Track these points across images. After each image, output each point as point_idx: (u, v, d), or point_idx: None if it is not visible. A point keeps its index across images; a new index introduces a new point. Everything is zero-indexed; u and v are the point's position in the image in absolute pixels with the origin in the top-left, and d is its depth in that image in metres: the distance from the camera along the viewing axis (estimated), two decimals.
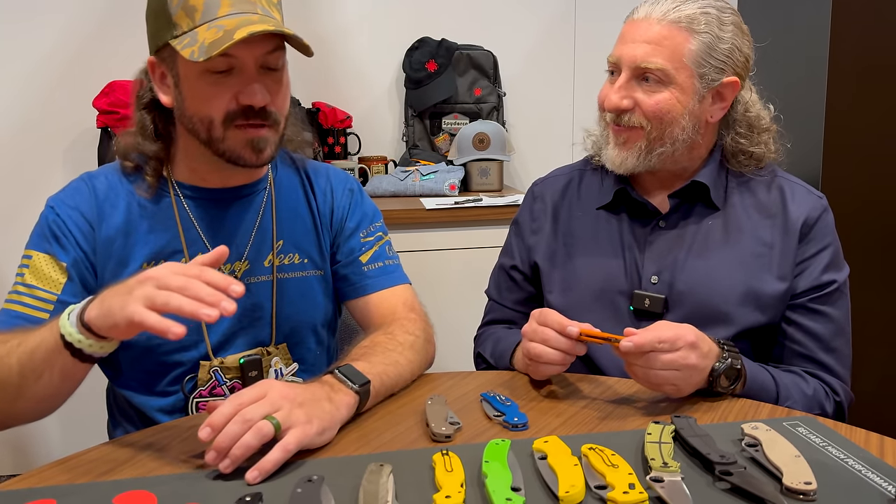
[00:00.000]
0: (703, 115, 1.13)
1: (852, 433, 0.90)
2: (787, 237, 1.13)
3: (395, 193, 2.33)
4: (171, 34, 0.98)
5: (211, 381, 1.09)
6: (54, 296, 1.02)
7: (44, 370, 0.88)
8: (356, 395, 0.92)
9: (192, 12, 0.97)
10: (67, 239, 1.05)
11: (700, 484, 0.78)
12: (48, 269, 1.03)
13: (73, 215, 1.05)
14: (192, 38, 0.96)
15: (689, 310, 1.12)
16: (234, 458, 0.79)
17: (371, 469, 0.77)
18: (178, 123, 1.07)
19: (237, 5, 0.98)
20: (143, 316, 0.78)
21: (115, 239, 1.06)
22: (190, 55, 0.94)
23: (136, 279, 0.83)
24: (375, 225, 1.22)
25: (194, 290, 0.79)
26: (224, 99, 0.99)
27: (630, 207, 1.20)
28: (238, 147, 1.01)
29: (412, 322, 1.13)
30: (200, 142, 1.03)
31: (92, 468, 0.84)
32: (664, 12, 1.10)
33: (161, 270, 0.82)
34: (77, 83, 2.26)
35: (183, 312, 0.78)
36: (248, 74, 0.99)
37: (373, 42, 2.56)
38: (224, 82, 0.98)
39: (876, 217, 1.85)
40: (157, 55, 1.03)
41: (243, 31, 0.93)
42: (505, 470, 0.78)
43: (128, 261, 1.06)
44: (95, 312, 0.83)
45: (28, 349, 0.88)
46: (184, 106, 1.02)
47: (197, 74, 0.98)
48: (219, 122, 1.00)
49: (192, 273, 0.81)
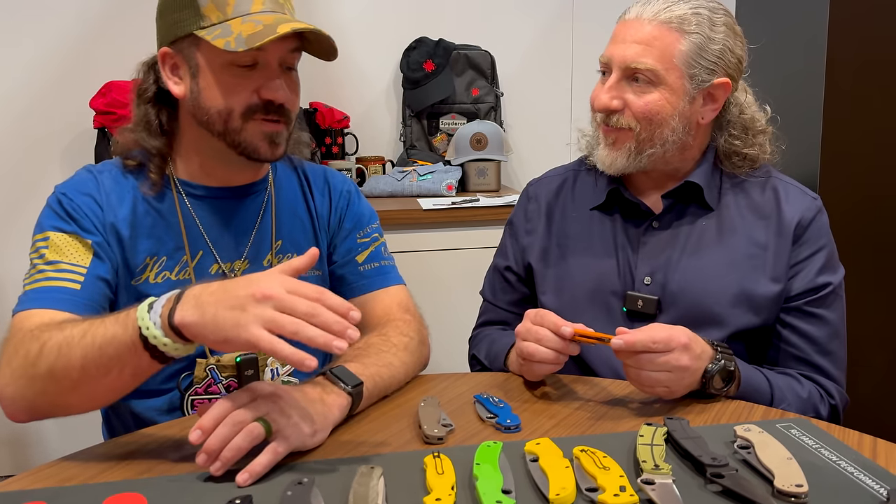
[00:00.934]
0: (693, 117, 1.13)
1: (845, 435, 0.90)
2: (781, 238, 1.13)
3: (392, 194, 2.33)
4: (197, 25, 1.00)
5: (207, 378, 1.08)
6: (83, 268, 1.00)
7: (112, 367, 0.84)
8: (349, 397, 0.92)
9: (223, 6, 0.99)
10: (86, 221, 1.04)
11: (691, 486, 0.77)
12: (70, 245, 1.01)
13: (87, 201, 1.05)
14: (225, 30, 0.98)
15: (682, 311, 1.12)
16: (224, 461, 0.79)
17: (362, 471, 0.77)
18: (186, 117, 1.07)
19: (269, 4, 1.01)
20: (272, 344, 0.76)
21: (120, 230, 1.06)
22: (225, 45, 0.96)
23: (246, 291, 0.78)
24: (372, 226, 1.23)
25: (323, 319, 0.77)
26: (246, 92, 1.01)
27: (624, 208, 1.20)
28: (255, 139, 1.03)
29: (407, 323, 1.13)
30: (214, 134, 1.04)
31: (84, 470, 0.84)
32: (655, 12, 1.10)
33: (278, 289, 0.78)
34: (74, 84, 2.26)
35: (315, 344, 0.76)
36: (272, 70, 1.02)
37: (370, 42, 2.56)
38: (248, 76, 1.01)
39: (874, 218, 1.85)
40: (173, 46, 1.03)
41: (286, 27, 0.96)
42: (496, 472, 0.78)
43: (131, 254, 1.06)
44: (193, 318, 0.79)
45: (96, 343, 0.84)
46: (200, 97, 1.02)
47: (221, 66, 1.00)
48: (238, 114, 1.01)
49: (312, 296, 0.78)
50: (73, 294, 0.98)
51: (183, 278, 1.08)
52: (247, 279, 0.81)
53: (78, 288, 0.98)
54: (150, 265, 1.07)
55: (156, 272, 1.07)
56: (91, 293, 0.99)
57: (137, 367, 0.84)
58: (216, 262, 1.10)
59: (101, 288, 1.02)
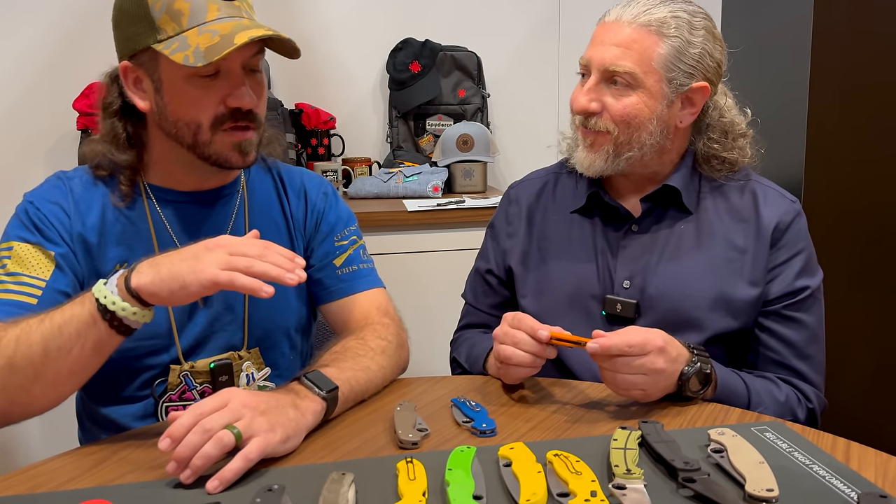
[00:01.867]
0: (671, 120, 1.13)
1: (819, 438, 0.90)
2: (760, 242, 1.13)
3: (378, 195, 2.33)
4: (153, 38, 0.98)
5: (181, 385, 1.08)
6: (42, 282, 1.00)
7: (73, 345, 0.87)
8: (323, 402, 0.91)
9: (178, 17, 0.97)
10: (52, 231, 1.03)
11: (663, 491, 0.77)
12: (33, 257, 1.01)
13: (54, 210, 1.04)
14: (182, 43, 0.96)
15: (660, 315, 1.12)
16: (194, 469, 0.78)
17: (332, 478, 0.77)
18: (154, 129, 1.06)
19: (224, 10, 1.00)
20: (231, 278, 0.83)
21: (89, 238, 1.05)
22: (184, 60, 0.95)
23: (196, 246, 0.87)
24: (350, 228, 1.22)
25: (272, 257, 0.85)
26: (212, 102, 1.00)
27: (603, 211, 1.20)
28: (225, 150, 1.03)
29: (385, 327, 1.13)
30: (184, 146, 1.03)
31: (54, 477, 0.83)
32: (634, 15, 1.09)
33: (228, 238, 0.88)
34: (57, 85, 2.24)
35: (269, 277, 0.83)
36: (236, 78, 1.01)
37: (356, 43, 2.55)
38: (212, 86, 0.99)
39: (859, 221, 1.86)
40: (133, 60, 1.02)
41: (244, 36, 0.95)
42: (468, 478, 0.77)
43: (100, 263, 1.05)
44: (149, 279, 0.85)
45: (55, 324, 0.87)
46: (167, 111, 1.01)
47: (184, 79, 0.99)
48: (207, 126, 1.01)
49: (259, 243, 0.87)
50: (29, 308, 0.97)
51: None
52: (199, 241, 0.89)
53: (34, 303, 0.98)
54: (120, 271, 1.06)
55: None
56: (47, 307, 0.97)
57: (98, 341, 0.87)
58: None
59: (60, 301, 0.99)
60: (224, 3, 1.00)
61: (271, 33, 0.97)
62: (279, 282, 0.84)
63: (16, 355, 0.87)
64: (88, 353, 0.88)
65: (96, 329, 0.86)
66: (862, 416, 1.85)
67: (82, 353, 0.87)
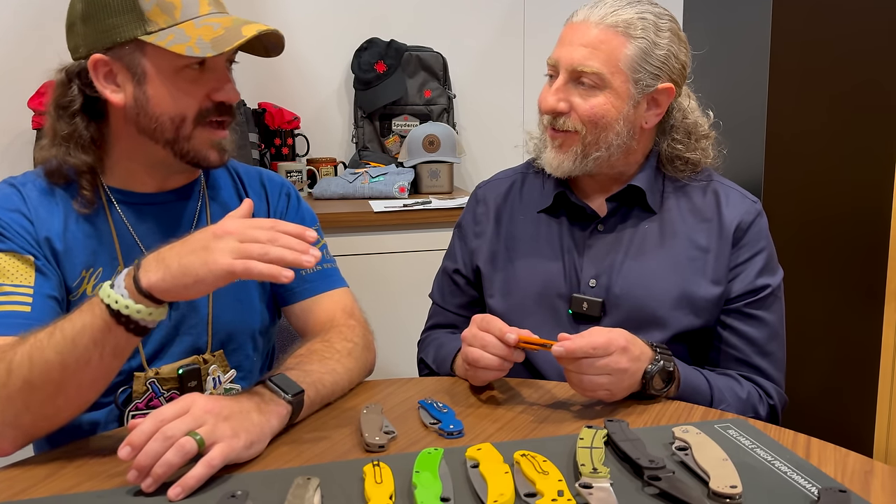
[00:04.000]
0: (637, 121, 1.14)
1: (781, 435, 0.92)
2: (722, 241, 1.15)
3: (343, 196, 2.31)
4: (142, 30, 0.96)
5: (147, 393, 1.05)
6: (29, 288, 0.96)
7: (92, 355, 0.83)
8: (288, 406, 0.90)
9: (170, 10, 0.97)
10: (19, 239, 0.99)
11: (629, 489, 0.78)
12: (9, 264, 0.97)
13: (16, 217, 1.00)
14: (179, 35, 0.95)
15: (625, 313, 1.13)
16: (156, 477, 0.76)
17: (297, 483, 0.76)
18: (120, 126, 1.03)
19: (213, 6, 1.01)
20: (248, 267, 0.80)
21: (54, 245, 1.02)
22: (187, 51, 0.94)
23: (203, 235, 0.83)
24: (313, 228, 1.20)
25: (284, 241, 0.82)
26: (198, 96, 1.00)
27: (570, 211, 1.20)
28: (204, 148, 1.02)
29: (351, 329, 1.11)
30: (161, 142, 1.01)
31: (10, 485, 0.81)
32: (602, 16, 1.10)
33: (234, 224, 0.84)
34: (12, 84, 2.18)
35: (285, 262, 0.81)
36: (223, 72, 1.02)
37: (321, 42, 2.53)
38: (198, 80, 1.00)
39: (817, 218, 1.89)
40: (109, 52, 0.98)
41: (251, 29, 0.97)
42: (435, 480, 0.77)
43: (66, 269, 1.02)
44: (159, 276, 0.81)
45: (67, 338, 0.83)
46: (148, 105, 0.99)
47: (174, 71, 0.98)
48: (191, 120, 1.00)
49: (267, 225, 0.84)
50: (27, 317, 0.93)
51: None
52: (200, 231, 0.84)
53: (29, 310, 0.94)
54: (87, 277, 1.03)
55: (93, 284, 1.03)
56: (43, 313, 0.95)
57: (116, 346, 0.84)
58: None
59: (52, 306, 0.98)
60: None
61: (273, 29, 0.99)
62: (296, 266, 0.82)
63: (32, 374, 0.83)
64: (109, 359, 0.85)
65: (112, 335, 0.83)
66: (821, 412, 1.89)
67: (102, 361, 0.84)
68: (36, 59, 2.18)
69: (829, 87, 1.87)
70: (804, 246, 1.89)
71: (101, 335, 0.83)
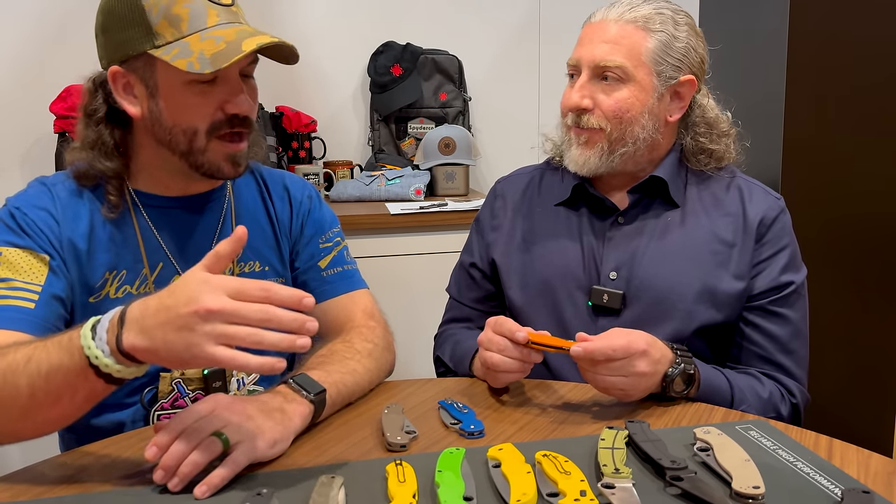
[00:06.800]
0: (662, 114, 1.14)
1: (802, 436, 0.91)
2: (745, 236, 1.14)
3: (360, 198, 2.32)
4: (150, 44, 0.97)
5: (173, 393, 1.06)
6: (38, 286, 0.97)
7: (63, 395, 0.80)
8: (311, 405, 0.91)
9: (177, 22, 0.96)
10: (41, 237, 1.01)
11: (651, 490, 0.78)
12: (24, 261, 0.98)
13: (42, 215, 1.02)
14: (184, 49, 0.95)
15: (645, 306, 1.13)
16: (182, 477, 0.77)
17: (322, 481, 0.77)
18: (142, 135, 1.04)
19: (224, 16, 0.99)
20: (233, 360, 0.73)
21: (79, 245, 1.03)
22: (188, 66, 0.93)
23: (187, 309, 0.73)
24: (334, 230, 1.22)
25: (277, 321, 0.73)
26: (210, 109, 0.99)
27: (590, 203, 1.20)
28: (218, 160, 1.02)
29: (371, 330, 1.12)
30: (177, 154, 1.02)
31: (36, 483, 0.82)
32: (620, 14, 1.12)
33: (221, 300, 0.73)
34: (34, 88, 2.22)
35: (278, 349, 0.74)
36: (235, 85, 1.00)
37: (337, 46, 2.55)
38: (209, 92, 0.99)
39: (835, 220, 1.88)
40: (125, 65, 1.00)
41: (251, 43, 0.95)
42: (458, 479, 0.77)
43: (89, 271, 1.03)
44: (144, 344, 0.75)
45: (42, 371, 0.79)
46: (162, 117, 1.00)
47: (182, 85, 0.98)
48: (203, 133, 1.00)
49: (259, 296, 0.74)
50: (28, 313, 0.94)
51: (143, 292, 1.06)
52: (185, 292, 0.74)
53: (32, 307, 0.95)
54: (110, 280, 1.04)
55: (116, 286, 1.05)
56: (45, 312, 0.96)
57: (91, 392, 0.80)
58: (177, 272, 1.08)
59: (56, 307, 0.98)
60: (222, 8, 1.00)
61: (277, 40, 0.97)
62: (290, 351, 0.75)
63: (2, 393, 0.82)
64: (80, 402, 0.81)
65: (88, 382, 0.78)
66: (843, 413, 1.88)
67: (73, 402, 0.81)
68: (57, 63, 2.22)
69: (846, 85, 1.86)
70: (822, 246, 1.87)
71: (76, 380, 0.79)
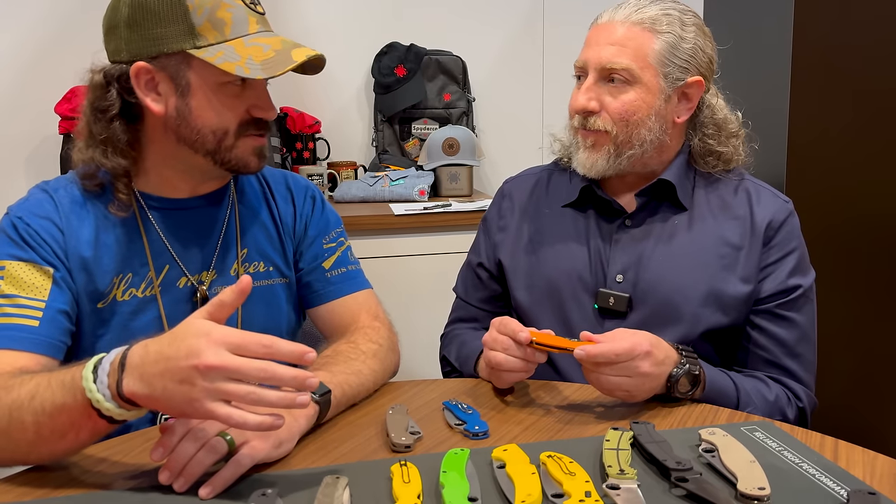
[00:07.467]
0: (669, 116, 1.14)
1: (808, 437, 0.91)
2: (753, 240, 1.14)
3: (364, 199, 2.33)
4: (191, 43, 0.97)
5: None
6: (42, 302, 0.96)
7: (68, 432, 0.80)
8: (316, 406, 0.91)
9: (220, 26, 0.98)
10: (44, 248, 1.00)
11: (656, 490, 0.78)
12: (28, 275, 0.97)
13: (45, 224, 1.01)
14: (229, 53, 0.97)
15: (652, 309, 1.12)
16: (187, 477, 0.78)
17: (327, 482, 0.77)
18: (158, 132, 1.03)
19: (261, 24, 1.03)
20: (231, 418, 0.74)
21: (83, 251, 1.02)
22: (237, 70, 0.96)
23: (187, 363, 0.73)
24: (337, 231, 1.22)
25: (278, 379, 0.75)
26: (239, 110, 1.02)
27: (597, 205, 1.20)
28: (246, 155, 1.04)
29: (375, 330, 1.12)
30: (201, 152, 1.02)
31: (42, 483, 0.82)
32: (627, 15, 1.12)
33: (222, 357, 0.73)
34: (38, 89, 2.22)
35: (277, 408, 0.76)
36: (262, 89, 1.05)
37: (341, 47, 2.55)
38: (240, 95, 1.02)
39: (841, 223, 1.88)
40: (155, 61, 0.99)
41: (301, 54, 0.99)
42: (462, 480, 0.77)
43: (96, 276, 1.03)
44: (144, 392, 0.76)
45: (46, 409, 0.79)
46: (191, 116, 1.00)
47: (216, 86, 1.00)
48: (232, 133, 1.02)
49: (260, 352, 0.75)
50: (32, 332, 0.94)
51: (149, 294, 1.06)
52: (185, 342, 0.75)
53: (36, 325, 0.95)
54: (117, 283, 1.04)
55: (122, 289, 1.05)
56: (50, 329, 0.96)
57: (94, 431, 0.81)
58: (184, 274, 1.08)
59: (61, 322, 0.98)
60: (259, 17, 1.03)
61: (319, 53, 1.02)
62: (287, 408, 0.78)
63: (10, 428, 0.81)
64: (85, 438, 0.82)
65: (91, 421, 0.79)
66: (848, 415, 1.87)
67: (78, 439, 0.81)
68: (62, 64, 2.22)
69: (851, 87, 1.86)
70: (828, 249, 1.87)
71: (80, 420, 0.79)
